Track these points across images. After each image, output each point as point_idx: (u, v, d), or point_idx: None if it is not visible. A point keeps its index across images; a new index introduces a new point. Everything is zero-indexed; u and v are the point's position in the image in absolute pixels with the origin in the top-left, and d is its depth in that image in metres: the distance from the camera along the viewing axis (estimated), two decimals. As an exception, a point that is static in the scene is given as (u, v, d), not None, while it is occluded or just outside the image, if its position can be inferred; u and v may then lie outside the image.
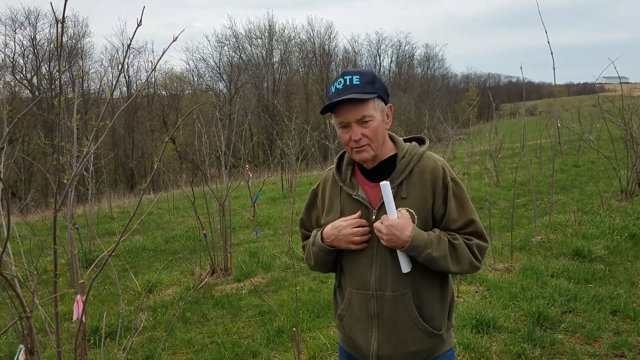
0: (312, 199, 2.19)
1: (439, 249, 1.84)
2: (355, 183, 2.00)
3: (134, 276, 6.71)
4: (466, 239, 1.90)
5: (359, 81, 1.85)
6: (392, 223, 1.82)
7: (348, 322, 2.02)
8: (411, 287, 1.90)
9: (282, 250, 7.75)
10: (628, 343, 3.80)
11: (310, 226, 2.19)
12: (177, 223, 12.02)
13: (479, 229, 1.93)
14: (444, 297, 1.99)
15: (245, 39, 42.81)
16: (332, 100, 1.85)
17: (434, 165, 1.94)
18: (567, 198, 9.85)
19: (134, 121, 35.68)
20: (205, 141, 7.41)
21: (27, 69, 33.31)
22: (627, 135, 9.38)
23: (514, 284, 5.18)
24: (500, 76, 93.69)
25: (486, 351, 3.88)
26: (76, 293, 2.21)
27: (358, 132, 1.86)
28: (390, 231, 1.81)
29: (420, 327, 1.90)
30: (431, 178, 1.91)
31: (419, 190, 1.91)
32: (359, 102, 1.84)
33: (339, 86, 1.87)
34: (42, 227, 9.07)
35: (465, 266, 1.89)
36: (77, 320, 2.23)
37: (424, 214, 1.90)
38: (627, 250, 6.05)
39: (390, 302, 1.90)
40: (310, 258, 2.10)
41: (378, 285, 1.91)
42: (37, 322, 4.71)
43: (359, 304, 1.96)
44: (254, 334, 4.76)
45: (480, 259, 1.92)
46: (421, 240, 1.82)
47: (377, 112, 1.88)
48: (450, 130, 12.70)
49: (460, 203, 1.92)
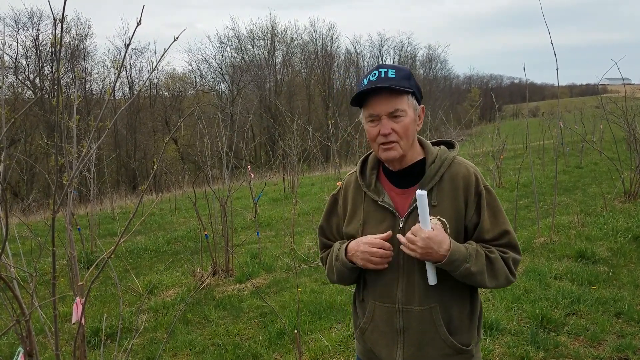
0: (332, 204, 2.06)
1: (477, 263, 1.74)
2: (381, 188, 1.88)
3: (136, 277, 6.70)
4: (502, 252, 1.81)
5: (395, 75, 1.76)
6: (429, 236, 1.70)
7: (370, 336, 1.92)
8: (440, 301, 1.81)
9: (284, 252, 7.73)
10: (632, 346, 3.77)
11: (331, 234, 2.06)
12: (179, 224, 12.01)
13: (513, 241, 1.84)
14: (474, 311, 1.91)
15: (247, 39, 42.84)
16: (364, 88, 1.76)
17: (466, 171, 1.84)
18: (570, 199, 9.81)
19: (136, 122, 35.68)
20: (207, 142, 7.40)
21: (30, 69, 33.39)
22: (631, 136, 9.34)
23: (517, 285, 5.14)
24: (503, 77, 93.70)
25: (489, 354, 3.85)
26: (75, 295, 2.19)
27: (388, 126, 1.76)
28: (427, 244, 1.69)
29: (449, 344, 1.81)
30: (463, 185, 1.82)
31: (450, 197, 1.81)
32: (393, 93, 1.75)
33: (373, 78, 1.77)
34: (44, 228, 9.07)
35: (501, 281, 1.81)
36: (77, 322, 2.21)
37: (456, 223, 1.81)
38: (631, 252, 6.01)
39: (418, 316, 1.81)
40: (332, 273, 1.98)
41: (405, 299, 1.82)
42: (37, 323, 4.69)
43: (384, 317, 1.87)
44: (256, 335, 4.74)
45: (515, 273, 1.83)
46: (459, 255, 1.72)
47: (410, 108, 1.79)
48: (453, 131, 12.67)
49: (493, 212, 1.83)
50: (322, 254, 2.10)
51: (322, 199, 12.30)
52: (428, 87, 52.86)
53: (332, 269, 1.97)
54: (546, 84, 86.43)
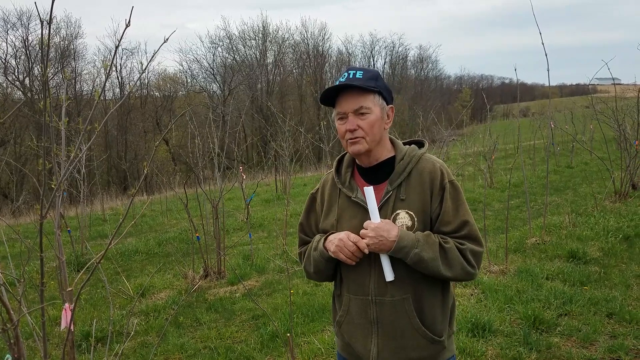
0: (310, 202, 2.15)
1: (428, 249, 1.80)
2: (355, 185, 1.97)
3: (127, 280, 6.64)
4: (458, 243, 1.85)
5: (362, 76, 1.88)
6: (377, 225, 1.80)
7: (347, 328, 1.99)
8: (411, 292, 1.87)
9: (276, 253, 7.70)
10: (624, 346, 3.78)
11: (310, 230, 2.14)
12: (171, 225, 11.93)
13: (473, 232, 1.88)
14: (445, 303, 1.95)
15: (238, 39, 42.68)
16: (330, 86, 1.88)
17: (432, 167, 1.92)
18: (561, 199, 9.85)
19: (127, 122, 35.47)
20: (198, 143, 7.35)
21: (20, 70, 33.10)
22: (621, 136, 9.40)
23: (509, 286, 5.15)
24: (494, 77, 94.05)
25: (482, 355, 3.85)
26: (64, 301, 2.15)
27: (354, 123, 1.86)
28: (377, 233, 1.79)
29: (421, 333, 1.87)
30: (429, 180, 1.90)
31: (417, 192, 1.89)
32: (357, 92, 1.86)
33: (342, 79, 1.89)
34: (34, 230, 8.97)
35: (457, 270, 1.83)
36: (66, 328, 2.18)
37: (423, 216, 1.88)
38: (622, 252, 6.04)
39: (390, 307, 1.87)
40: (310, 264, 2.05)
41: (377, 291, 1.88)
42: (27, 327, 4.63)
43: (358, 309, 1.93)
44: (248, 338, 4.71)
45: (474, 265, 1.85)
46: (408, 241, 1.79)
47: (376, 107, 1.89)
48: (444, 131, 12.69)
49: (455, 205, 1.89)
50: (301, 249, 2.17)
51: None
52: (419, 88, 52.95)
53: (309, 260, 2.04)
54: (537, 84, 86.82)
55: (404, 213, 1.86)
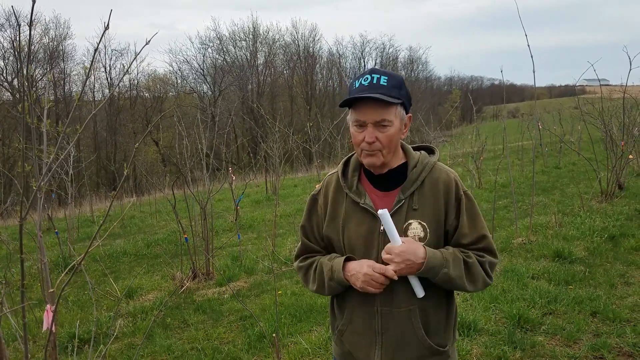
0: (312, 204, 2.05)
1: (455, 268, 1.78)
2: (362, 190, 1.90)
3: (114, 281, 6.61)
4: (478, 256, 1.85)
5: (387, 82, 1.77)
6: (402, 250, 1.74)
7: (349, 337, 1.94)
8: (418, 304, 1.84)
9: (265, 254, 7.70)
10: (607, 345, 3.83)
11: (312, 234, 2.04)
12: (159, 227, 11.89)
13: (490, 245, 1.88)
14: (450, 313, 1.95)
15: (229, 40, 42.55)
16: (355, 95, 1.76)
17: (446, 177, 1.88)
18: (548, 200, 9.93)
19: (117, 124, 35.28)
20: (187, 144, 7.33)
21: (8, 71, 32.79)
22: (607, 137, 9.49)
23: (494, 286, 5.19)
24: (483, 78, 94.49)
25: (467, 354, 3.87)
26: (46, 302, 2.15)
27: (373, 135, 1.78)
28: (404, 258, 1.73)
29: (426, 345, 1.85)
30: (444, 191, 1.86)
31: (431, 202, 1.85)
32: (382, 104, 1.76)
33: (365, 82, 1.78)
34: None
35: (479, 285, 1.85)
36: (48, 330, 2.17)
37: (436, 227, 1.85)
38: (607, 251, 6.10)
39: (396, 318, 1.84)
40: (319, 287, 1.96)
41: (384, 301, 1.85)
42: (10, 329, 4.60)
43: (362, 319, 1.89)
44: (235, 339, 4.71)
45: (491, 276, 1.88)
46: (436, 261, 1.76)
47: (397, 119, 1.81)
48: (432, 132, 12.76)
49: (472, 217, 1.87)
50: (301, 264, 2.06)
51: (305, 200, 12.24)
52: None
53: (321, 285, 1.95)
54: (526, 85, 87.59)
55: (416, 223, 1.82)
